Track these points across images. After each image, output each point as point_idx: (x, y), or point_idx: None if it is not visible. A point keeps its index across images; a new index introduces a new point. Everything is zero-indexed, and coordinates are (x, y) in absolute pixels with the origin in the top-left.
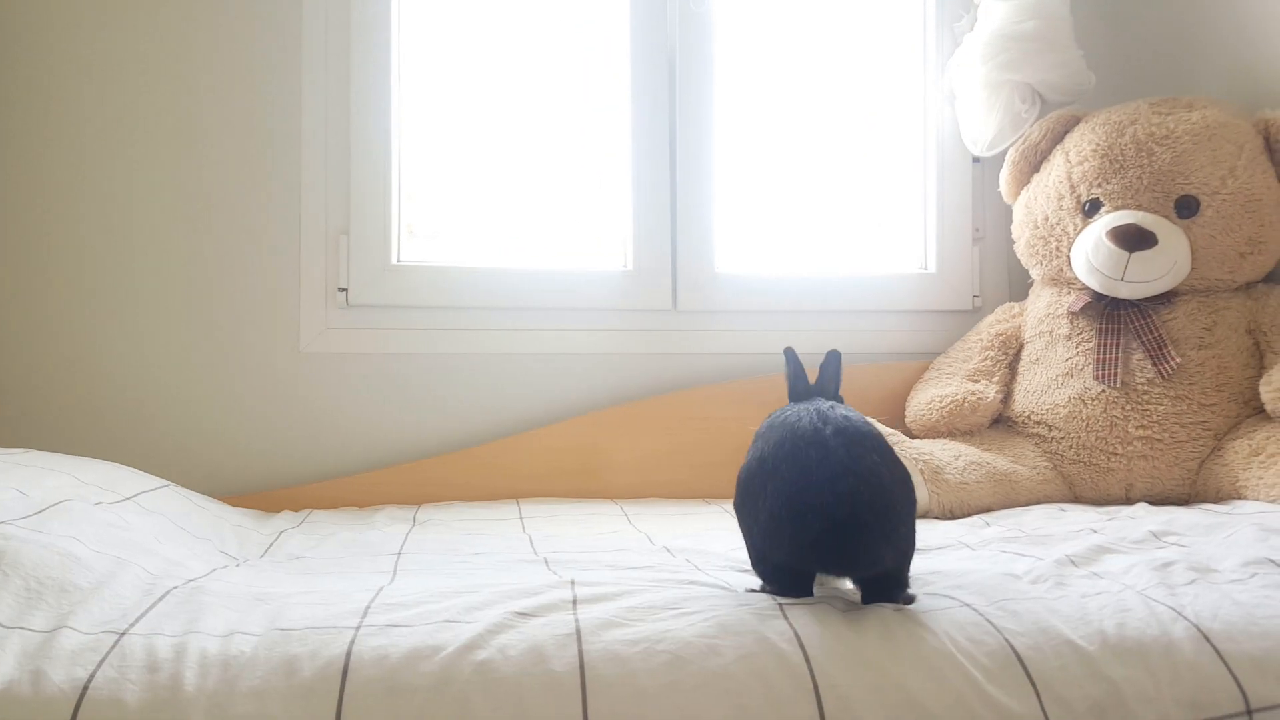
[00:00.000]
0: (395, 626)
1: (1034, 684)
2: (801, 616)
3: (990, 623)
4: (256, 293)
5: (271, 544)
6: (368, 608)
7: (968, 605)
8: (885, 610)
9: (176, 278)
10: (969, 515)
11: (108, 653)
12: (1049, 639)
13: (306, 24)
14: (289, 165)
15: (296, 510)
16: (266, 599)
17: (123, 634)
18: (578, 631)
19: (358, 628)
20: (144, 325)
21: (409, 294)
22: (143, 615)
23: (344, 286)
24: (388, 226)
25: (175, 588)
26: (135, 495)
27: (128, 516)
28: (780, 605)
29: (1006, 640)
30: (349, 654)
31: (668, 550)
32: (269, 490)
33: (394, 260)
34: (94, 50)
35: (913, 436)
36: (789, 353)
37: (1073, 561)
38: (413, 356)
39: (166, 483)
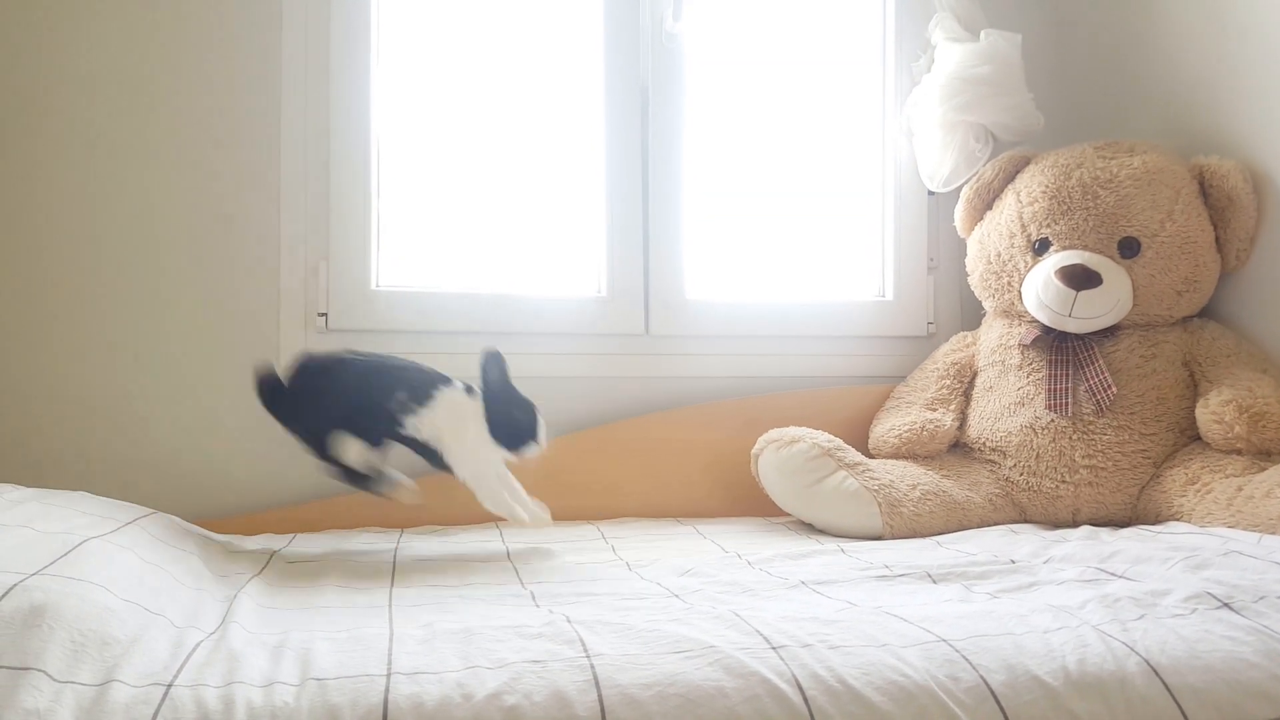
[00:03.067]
0: (422, 673)
1: (1007, 719)
2: (797, 657)
3: (966, 659)
4: (235, 317)
5: (262, 570)
6: (390, 653)
7: (944, 640)
8: (872, 647)
9: (154, 302)
10: (926, 538)
11: (159, 705)
12: (1018, 675)
13: (285, 48)
14: (268, 191)
15: (278, 534)
16: (286, 643)
17: (169, 686)
18: (595, 678)
19: (388, 675)
20: (122, 350)
21: (388, 319)
22: (183, 667)
23: (323, 311)
24: (367, 252)
25: (201, 641)
26: (136, 521)
27: (141, 553)
28: (775, 648)
29: (981, 677)
30: (386, 702)
31: (650, 580)
32: (250, 514)
33: (373, 285)
34: (70, 75)
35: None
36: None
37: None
38: None
39: (152, 511)
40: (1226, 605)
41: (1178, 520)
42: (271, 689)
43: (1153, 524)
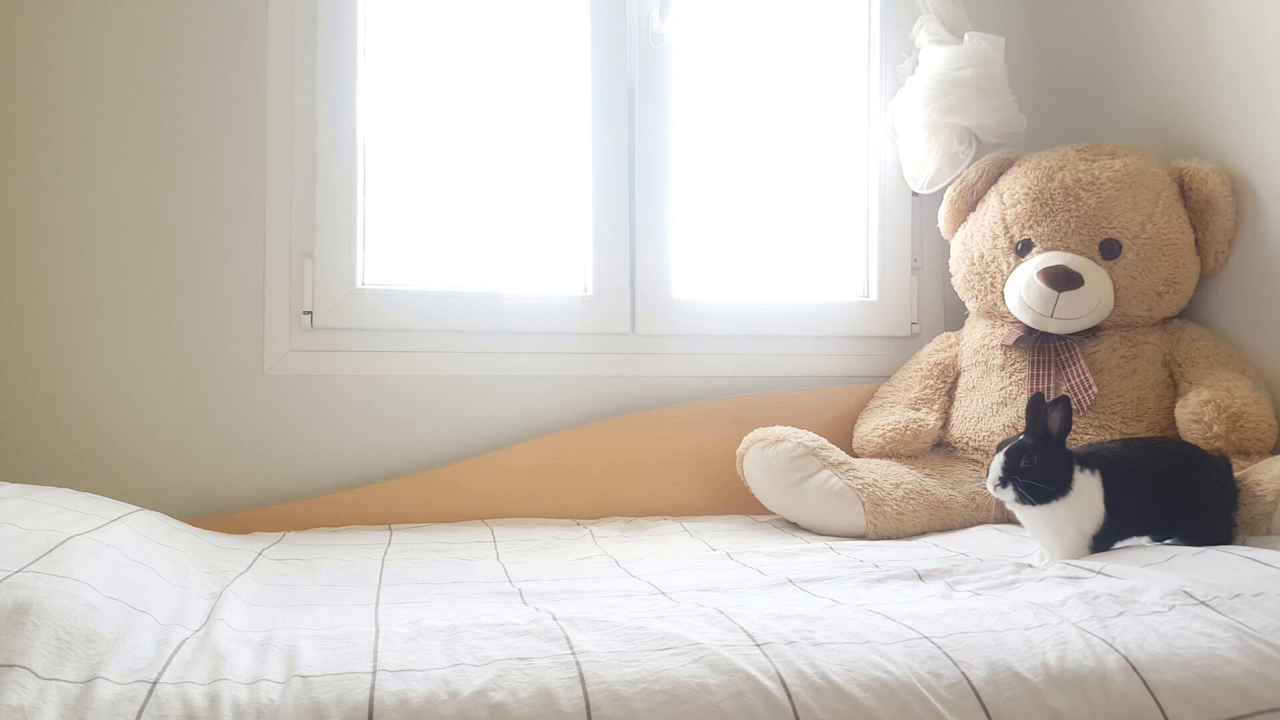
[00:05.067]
0: (408, 670)
1: (988, 715)
2: (781, 654)
3: (948, 656)
4: (220, 315)
5: (249, 568)
6: (375, 650)
7: (926, 638)
8: (856, 644)
9: (138, 300)
10: (910, 538)
11: (144, 703)
12: (999, 672)
13: (271, 46)
14: (254, 189)
15: (267, 532)
16: (272, 640)
17: (154, 683)
18: (580, 674)
19: (374, 672)
20: (105, 349)
21: (373, 317)
22: (168, 664)
23: (309, 309)
24: (353, 250)
25: (186, 639)
26: (121, 518)
27: (126, 551)
28: (760, 645)
29: (963, 673)
30: (371, 700)
31: (636, 578)
32: (236, 512)
33: (359, 283)
34: (56, 72)
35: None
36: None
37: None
38: (378, 379)
39: (138, 508)
40: (1204, 603)
41: None
42: (257, 686)
43: None
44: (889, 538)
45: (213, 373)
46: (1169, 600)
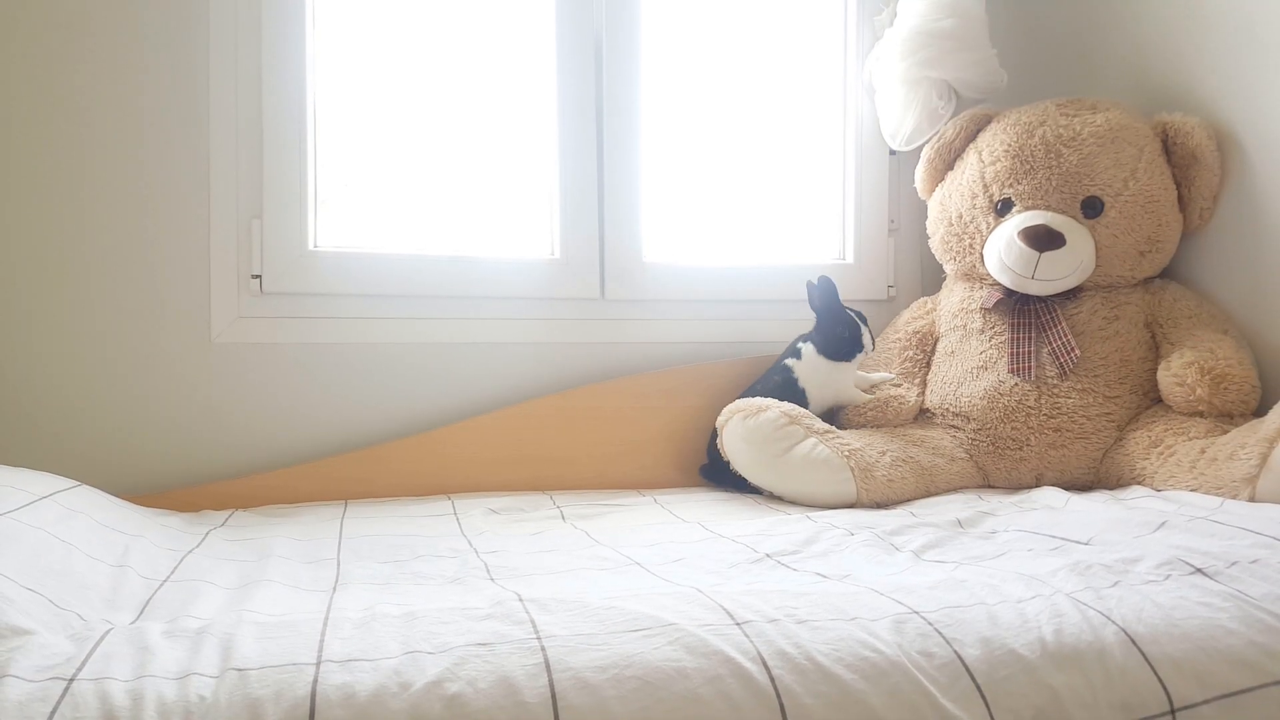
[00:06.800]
0: (356, 661)
1: (983, 695)
2: (763, 633)
3: (940, 633)
4: (163, 281)
5: (196, 548)
6: (322, 639)
7: (916, 613)
8: (842, 621)
9: (75, 266)
10: (894, 506)
11: (58, 702)
12: (994, 648)
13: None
14: (197, 144)
15: (216, 510)
16: (210, 629)
17: (71, 680)
18: (546, 661)
19: (318, 664)
20: (41, 317)
21: (327, 281)
22: (88, 658)
23: (257, 273)
24: (304, 210)
25: (111, 630)
26: (52, 495)
27: (54, 530)
28: (739, 624)
29: (956, 652)
30: (314, 694)
31: (607, 554)
32: (184, 488)
33: (311, 246)
34: None
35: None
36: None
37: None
38: (332, 347)
39: (75, 484)
40: (1200, 571)
41: (1140, 484)
42: (187, 681)
43: (1115, 487)
44: (880, 505)
45: (156, 341)
46: (1164, 569)
